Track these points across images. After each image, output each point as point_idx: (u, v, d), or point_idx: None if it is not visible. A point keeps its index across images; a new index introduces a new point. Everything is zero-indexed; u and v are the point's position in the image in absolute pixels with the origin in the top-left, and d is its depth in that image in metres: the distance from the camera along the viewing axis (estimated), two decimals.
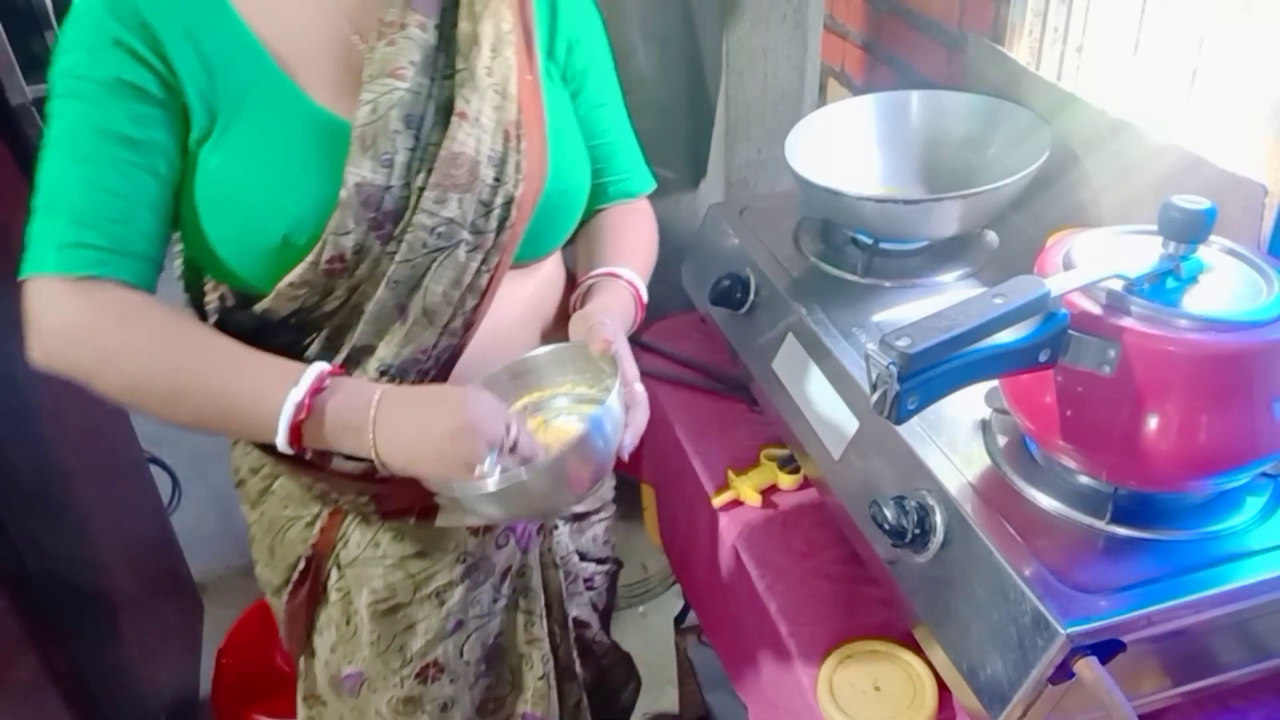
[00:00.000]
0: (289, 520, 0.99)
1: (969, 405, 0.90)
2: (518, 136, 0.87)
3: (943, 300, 0.74)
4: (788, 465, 1.13)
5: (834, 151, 1.22)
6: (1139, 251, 0.76)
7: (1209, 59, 1.00)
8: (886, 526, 0.83)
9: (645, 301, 1.00)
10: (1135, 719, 0.68)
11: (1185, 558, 0.76)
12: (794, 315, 1.08)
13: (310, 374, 0.79)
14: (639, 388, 0.88)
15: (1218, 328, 0.71)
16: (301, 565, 0.99)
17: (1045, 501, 0.82)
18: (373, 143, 0.81)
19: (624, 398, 0.85)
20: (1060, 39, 1.20)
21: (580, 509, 1.15)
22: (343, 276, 0.84)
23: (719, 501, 1.13)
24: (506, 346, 0.93)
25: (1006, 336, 0.71)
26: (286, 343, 0.87)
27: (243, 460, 1.01)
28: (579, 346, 0.91)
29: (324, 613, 1.03)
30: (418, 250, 0.84)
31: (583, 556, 1.17)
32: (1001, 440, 0.88)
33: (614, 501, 1.22)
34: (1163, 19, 1.04)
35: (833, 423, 0.98)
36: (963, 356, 0.69)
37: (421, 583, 0.99)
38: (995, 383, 0.87)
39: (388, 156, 0.82)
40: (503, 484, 0.79)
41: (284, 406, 0.78)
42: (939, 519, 0.82)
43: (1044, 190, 1.12)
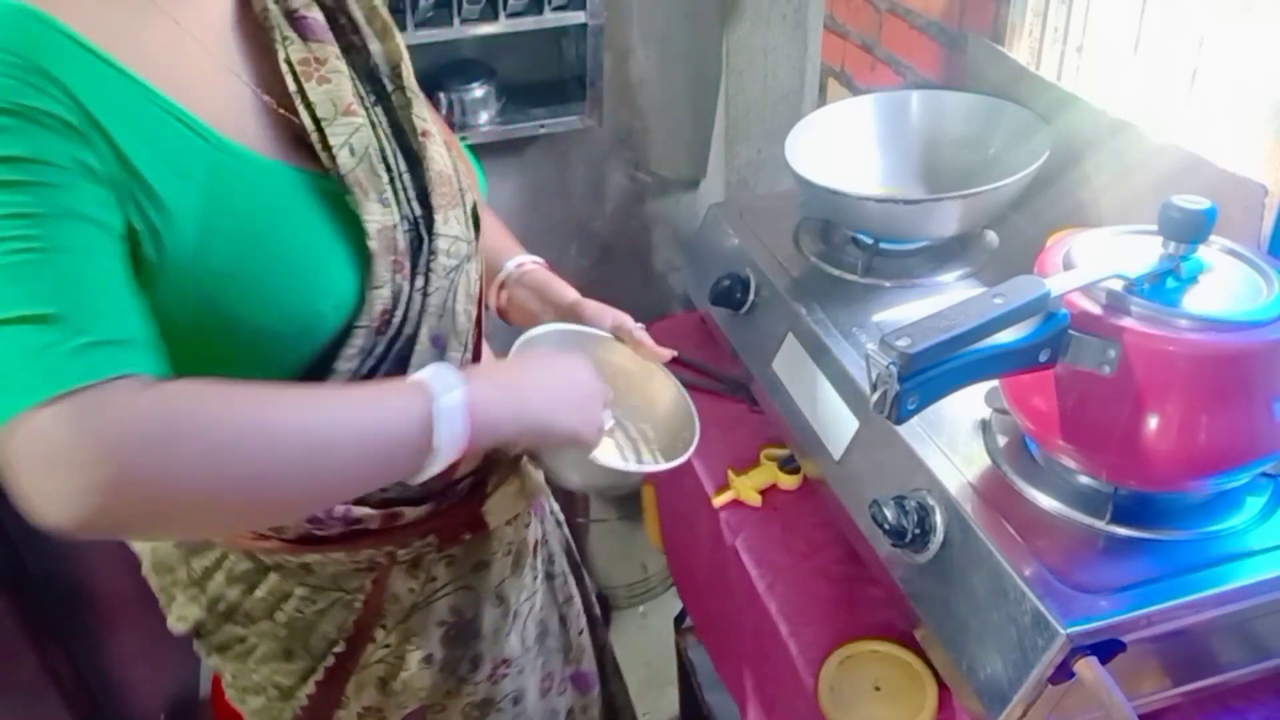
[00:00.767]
0: (317, 614, 0.88)
1: (969, 405, 0.90)
2: (449, 145, 0.88)
3: (943, 300, 0.74)
4: (788, 465, 1.13)
5: (834, 151, 1.22)
6: (1139, 251, 0.76)
7: (1209, 59, 1.00)
8: (886, 526, 0.83)
9: None
10: (1135, 719, 0.68)
11: (1185, 558, 0.76)
12: (794, 315, 1.08)
13: (445, 373, 0.70)
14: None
15: (1218, 328, 0.71)
16: (340, 648, 0.89)
17: (1045, 501, 0.82)
18: (369, 184, 0.75)
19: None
20: (1060, 39, 1.20)
21: None
22: (384, 334, 0.76)
23: (719, 501, 1.13)
24: (487, 345, 0.94)
25: (1006, 336, 0.71)
26: None
27: (226, 590, 0.88)
28: (569, 330, 0.94)
29: (354, 684, 0.93)
30: (442, 277, 0.80)
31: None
32: (1001, 440, 0.88)
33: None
34: (1163, 19, 1.04)
35: (833, 423, 0.98)
36: (963, 356, 0.69)
37: (483, 590, 0.95)
38: (995, 383, 0.87)
39: (385, 195, 0.77)
40: (641, 468, 0.89)
41: (442, 417, 0.68)
42: (939, 519, 0.82)
43: (1044, 190, 1.12)
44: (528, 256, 1.03)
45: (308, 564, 0.85)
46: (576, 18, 1.67)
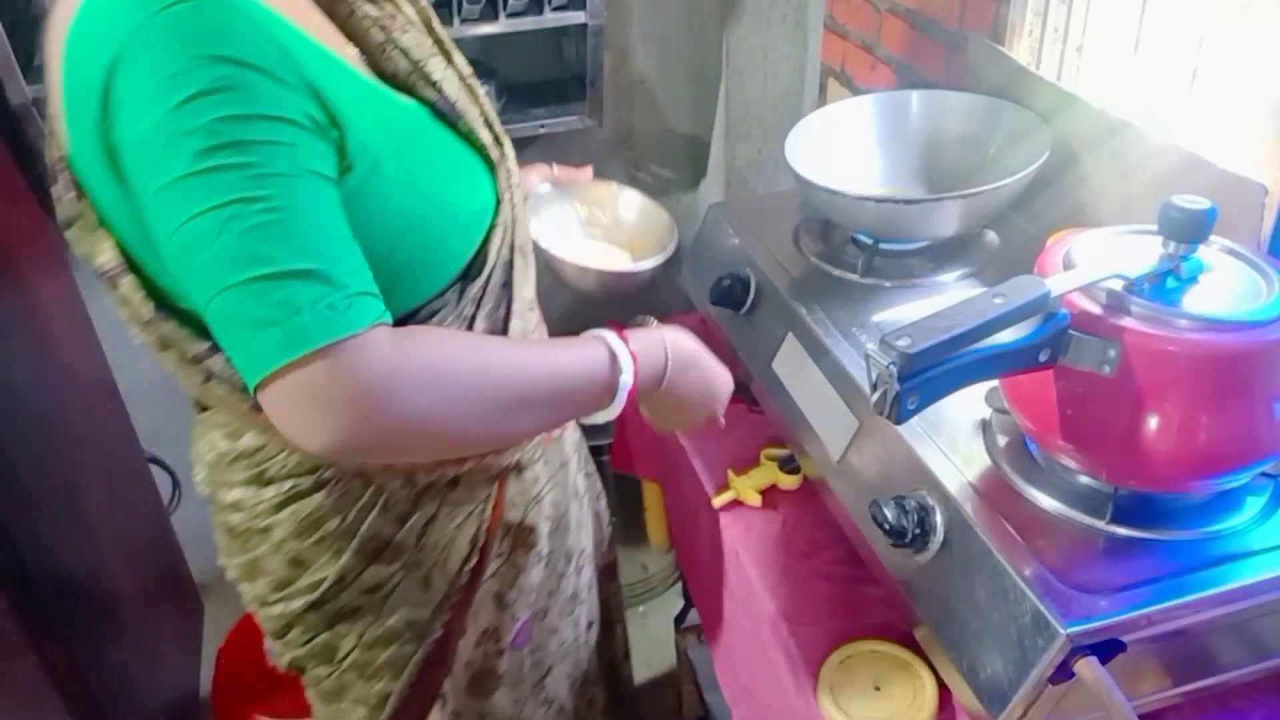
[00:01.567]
0: (455, 530, 0.95)
1: (969, 405, 0.90)
2: None
3: (943, 300, 0.74)
4: (788, 465, 1.13)
5: (834, 151, 1.22)
6: (1139, 251, 0.76)
7: (1209, 59, 1.00)
8: (886, 526, 0.83)
9: None
10: (1135, 719, 0.68)
11: (1185, 558, 0.76)
12: (794, 315, 1.08)
13: (611, 337, 0.82)
14: None
15: (1218, 328, 0.71)
16: (472, 562, 0.97)
17: (1045, 501, 0.82)
18: (471, 111, 0.85)
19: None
20: (1060, 39, 1.20)
21: None
22: (506, 237, 0.88)
23: (719, 501, 1.13)
24: None
25: (1006, 336, 0.71)
26: None
27: (380, 525, 0.91)
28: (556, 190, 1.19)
29: (473, 609, 1.01)
30: (519, 197, 0.90)
31: None
32: (1001, 440, 0.88)
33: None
34: (1163, 19, 1.04)
35: (833, 423, 0.98)
36: (963, 356, 0.69)
37: (568, 486, 1.08)
38: (995, 383, 0.87)
39: (479, 120, 0.87)
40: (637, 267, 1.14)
41: (623, 369, 0.81)
42: (939, 519, 0.82)
43: (1044, 190, 1.12)
44: None
45: (455, 478, 0.92)
46: (576, 18, 1.67)
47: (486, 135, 0.87)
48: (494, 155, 0.87)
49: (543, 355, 0.79)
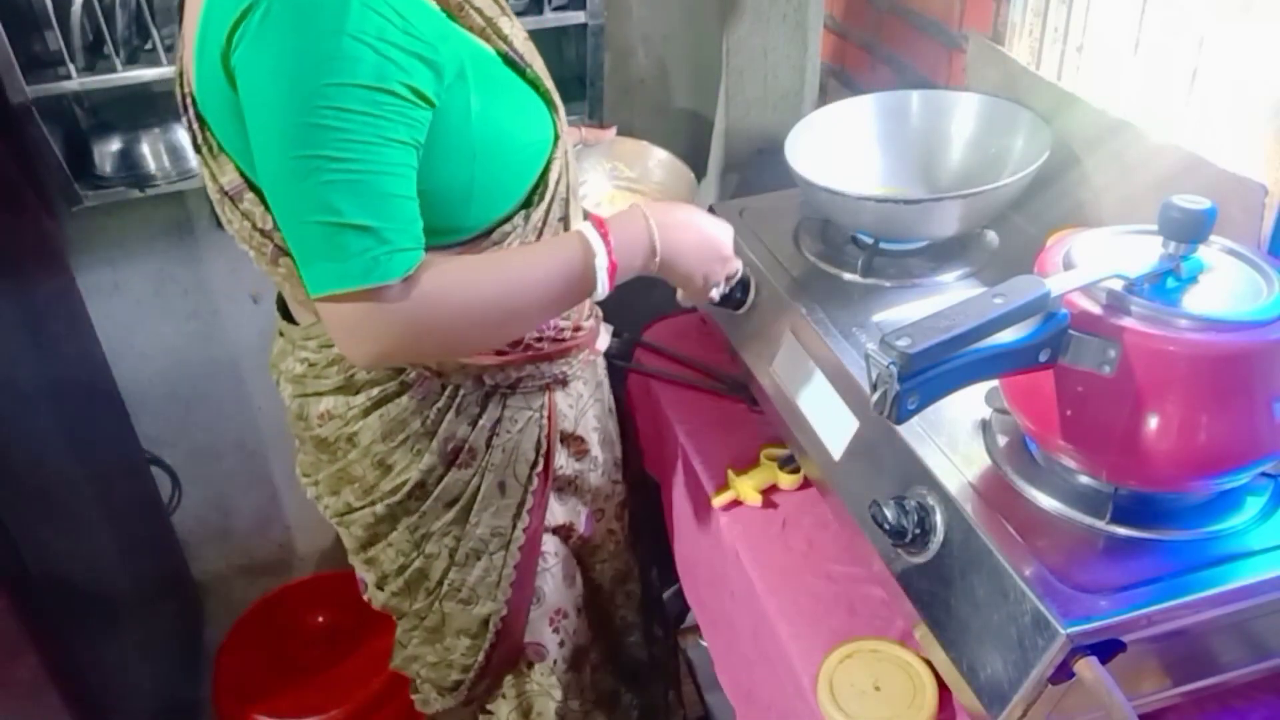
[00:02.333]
0: (519, 435, 1.10)
1: (969, 405, 0.90)
2: None
3: (943, 300, 0.74)
4: (788, 465, 1.13)
5: (834, 151, 1.22)
6: (1139, 251, 0.76)
7: (1209, 59, 1.00)
8: (886, 526, 0.83)
9: None
10: (1135, 719, 0.68)
11: (1185, 558, 0.76)
12: (794, 315, 1.08)
13: (589, 230, 0.93)
14: None
15: (1218, 328, 0.71)
16: (539, 467, 1.12)
17: (1045, 501, 0.82)
18: (535, 60, 0.99)
19: None
20: (1060, 39, 1.19)
21: None
22: (565, 172, 1.01)
23: (719, 501, 1.13)
24: None
25: (1006, 336, 0.71)
26: None
27: (457, 426, 1.05)
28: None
29: (550, 504, 1.16)
30: (570, 143, 1.03)
31: None
32: (1001, 440, 0.88)
33: None
34: (1163, 19, 1.04)
35: (833, 423, 0.98)
36: (963, 356, 0.69)
37: (604, 401, 1.24)
38: (995, 383, 0.87)
39: (540, 67, 1.00)
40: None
41: (596, 252, 0.91)
42: (939, 519, 0.82)
43: (1044, 190, 1.12)
44: None
45: (515, 382, 1.06)
46: (576, 18, 1.66)
47: (548, 82, 0.99)
48: (555, 99, 1.00)
49: (528, 266, 0.91)
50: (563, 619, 1.24)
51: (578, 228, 0.94)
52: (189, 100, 0.91)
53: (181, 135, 1.52)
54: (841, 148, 1.24)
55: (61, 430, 1.49)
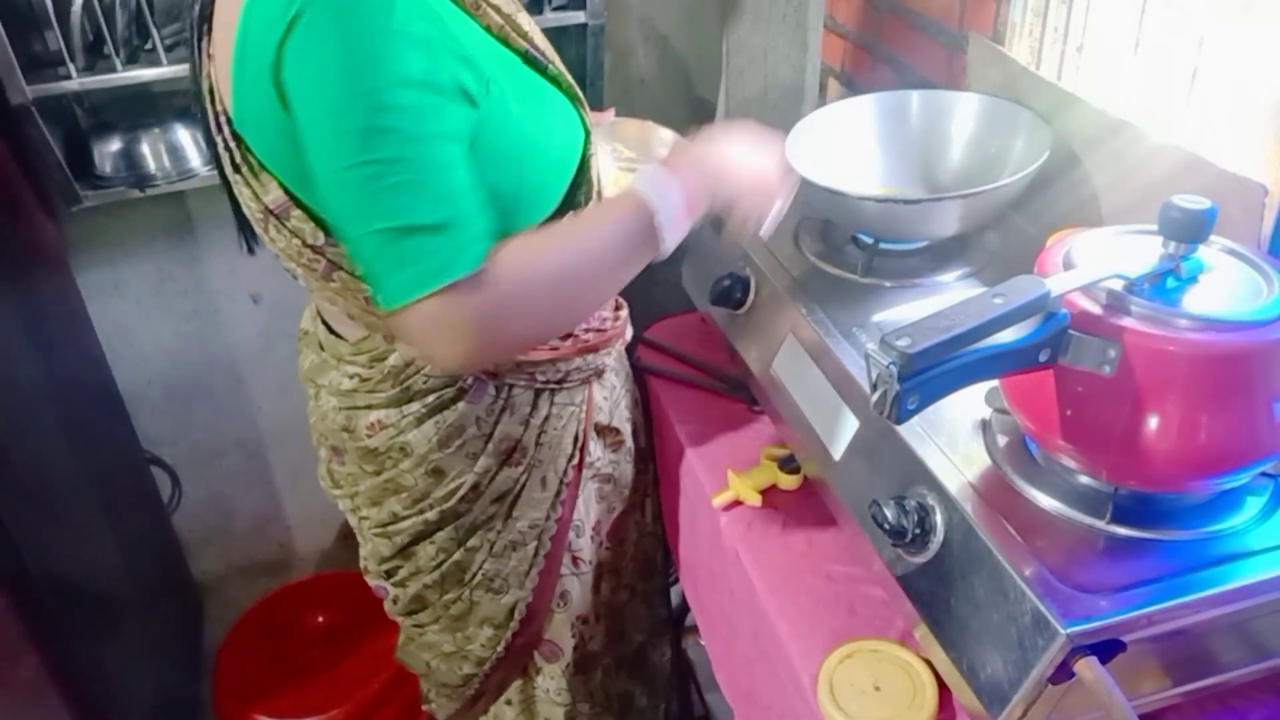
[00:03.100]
0: (561, 429, 1.11)
1: (969, 405, 0.90)
2: None
3: (943, 300, 0.74)
4: (788, 465, 1.13)
5: (834, 151, 1.22)
6: (1139, 251, 0.76)
7: (1209, 59, 1.00)
8: (886, 526, 0.83)
9: None
10: (1135, 719, 0.68)
11: (1185, 558, 0.76)
12: (794, 315, 1.08)
13: (644, 187, 0.91)
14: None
15: (1218, 328, 0.71)
16: (575, 459, 1.13)
17: (1045, 501, 0.82)
18: (556, 58, 0.99)
19: None
20: (1060, 39, 1.19)
21: None
22: (595, 166, 1.02)
23: (719, 501, 1.13)
24: None
25: (1006, 336, 0.71)
26: None
27: (510, 426, 1.06)
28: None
29: (583, 496, 1.18)
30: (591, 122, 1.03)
31: None
32: (1001, 440, 0.88)
33: None
34: (1163, 19, 1.04)
35: (833, 423, 0.98)
36: (963, 356, 0.69)
37: (631, 390, 1.26)
38: (995, 383, 0.87)
39: (559, 64, 1.00)
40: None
41: (665, 218, 0.90)
42: (939, 519, 0.82)
43: (1044, 190, 1.12)
44: None
45: (562, 378, 1.08)
46: (576, 18, 1.67)
47: (570, 78, 0.99)
48: (579, 94, 1.00)
49: (596, 234, 0.91)
50: (583, 624, 1.24)
51: (633, 190, 0.93)
52: (222, 119, 0.89)
53: (182, 135, 1.52)
54: (841, 148, 1.24)
55: (61, 430, 1.49)
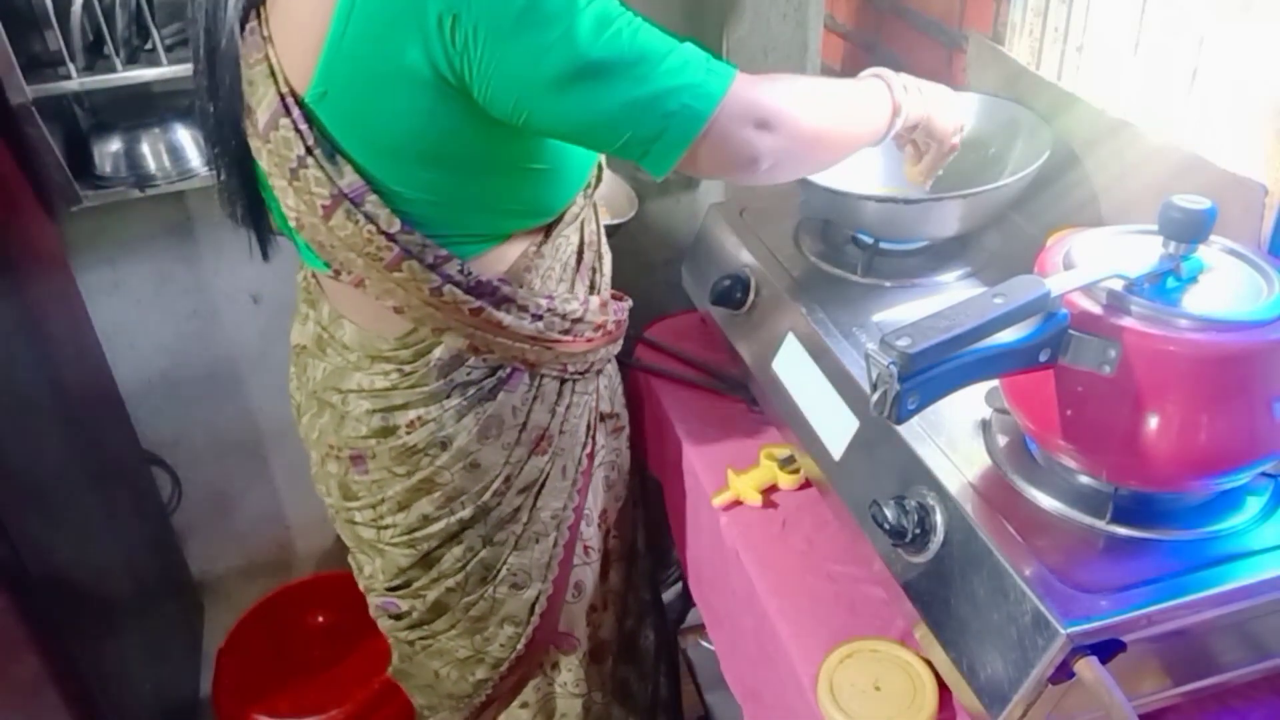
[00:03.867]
0: (578, 418, 1.13)
1: (969, 405, 0.90)
2: None
3: (943, 300, 0.74)
4: (788, 465, 1.13)
5: None
6: (1139, 251, 0.76)
7: (1209, 59, 1.00)
8: (886, 526, 0.83)
9: None
10: (1135, 719, 0.68)
11: (1185, 558, 0.76)
12: (794, 315, 1.08)
13: (892, 83, 0.99)
14: None
15: (1218, 328, 0.71)
16: (588, 447, 1.16)
17: (1045, 501, 0.82)
18: None
19: None
20: (1060, 39, 1.19)
21: None
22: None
23: (719, 501, 1.13)
24: None
25: (1006, 336, 0.71)
26: None
27: (541, 415, 1.09)
28: None
29: (593, 485, 1.20)
30: None
31: None
32: (1001, 440, 0.88)
33: None
34: (1163, 19, 1.04)
35: (833, 423, 0.98)
36: (963, 356, 0.69)
37: (621, 388, 1.27)
38: (995, 383, 0.87)
39: None
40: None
41: (895, 101, 0.98)
42: (939, 519, 0.82)
43: (1044, 190, 1.12)
44: None
45: (589, 366, 1.11)
46: None
47: None
48: None
49: (843, 83, 1.00)
50: (594, 613, 1.25)
51: (875, 71, 1.01)
52: (290, 100, 0.87)
53: (182, 135, 1.52)
54: None
55: (61, 430, 1.49)
